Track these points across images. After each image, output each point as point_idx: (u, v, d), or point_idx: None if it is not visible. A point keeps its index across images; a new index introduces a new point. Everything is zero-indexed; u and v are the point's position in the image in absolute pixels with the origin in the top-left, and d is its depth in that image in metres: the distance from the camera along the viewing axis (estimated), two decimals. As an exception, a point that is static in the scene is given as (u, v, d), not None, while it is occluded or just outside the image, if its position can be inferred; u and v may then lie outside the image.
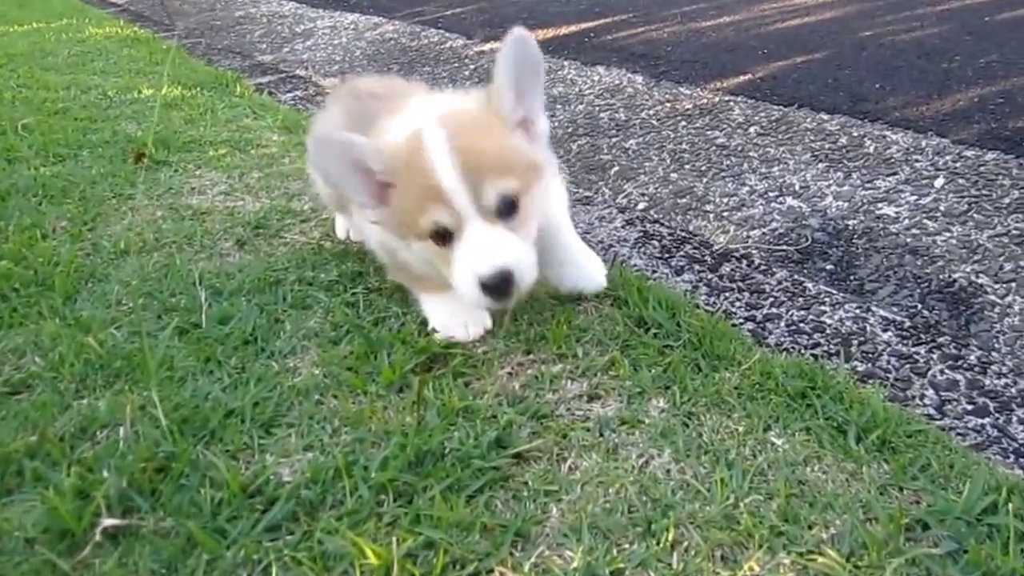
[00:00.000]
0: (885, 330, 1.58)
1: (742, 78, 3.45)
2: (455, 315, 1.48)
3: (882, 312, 1.64)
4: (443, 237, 1.25)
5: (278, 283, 1.70)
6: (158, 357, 1.42)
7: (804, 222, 2.19)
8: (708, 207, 2.35)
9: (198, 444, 1.23)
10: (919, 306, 1.77)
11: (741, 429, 1.26)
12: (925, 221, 2.12)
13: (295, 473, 1.18)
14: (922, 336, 1.55)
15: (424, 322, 1.54)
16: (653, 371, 1.39)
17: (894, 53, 3.58)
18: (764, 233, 2.17)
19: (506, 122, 1.29)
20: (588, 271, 1.56)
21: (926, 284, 1.84)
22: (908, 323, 1.59)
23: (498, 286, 1.22)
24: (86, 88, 3.50)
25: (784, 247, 2.10)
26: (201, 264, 1.80)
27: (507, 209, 1.25)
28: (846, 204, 2.26)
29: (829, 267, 1.97)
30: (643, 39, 4.37)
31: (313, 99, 3.52)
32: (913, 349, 1.52)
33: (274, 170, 2.46)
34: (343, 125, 1.55)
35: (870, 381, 1.45)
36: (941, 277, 1.86)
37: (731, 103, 3.13)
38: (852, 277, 1.92)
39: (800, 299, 1.69)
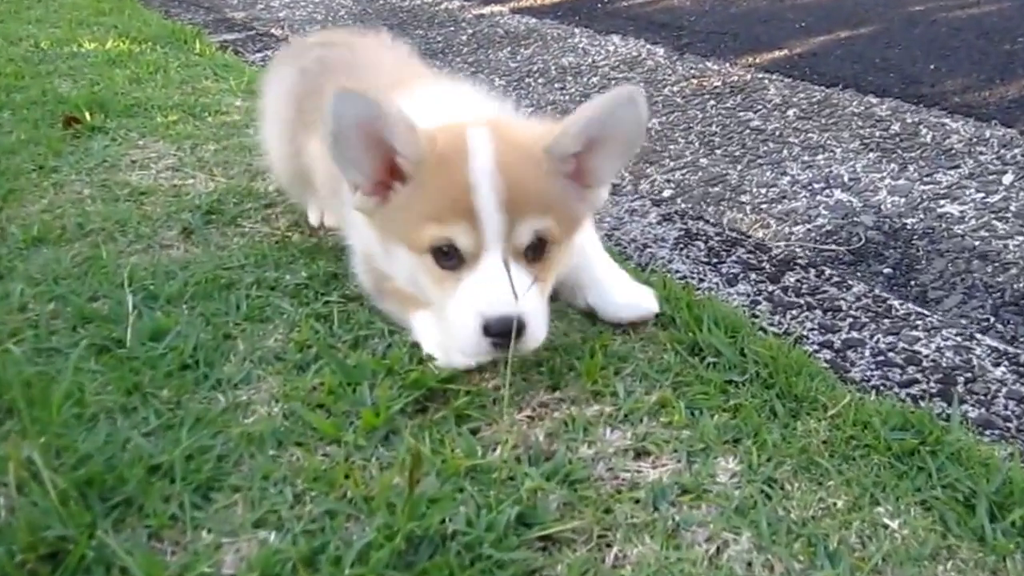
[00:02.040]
0: (996, 364, 1.28)
1: (777, 54, 3.27)
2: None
3: (989, 341, 1.33)
4: (448, 257, 1.12)
5: (231, 286, 1.43)
6: (63, 388, 1.09)
7: (855, 219, 1.99)
8: (744, 198, 2.10)
9: (107, 517, 0.94)
10: (992, 319, 1.57)
11: (840, 504, 1.00)
12: (994, 222, 1.92)
13: (240, 562, 0.90)
14: (1046, 373, 1.24)
15: (417, 344, 1.23)
16: (716, 417, 1.12)
17: (949, 32, 3.40)
18: (809, 230, 1.96)
19: (557, 164, 1.16)
20: (630, 295, 1.33)
21: (998, 294, 1.66)
22: (1025, 356, 1.28)
23: (502, 333, 1.08)
24: (16, 39, 3.23)
25: (833, 247, 1.89)
26: (134, 259, 1.53)
27: (535, 252, 1.14)
28: (903, 200, 2.05)
29: (887, 271, 1.77)
30: (664, 6, 4.18)
31: (288, 62, 3.17)
32: (1036, 391, 1.21)
33: (234, 142, 2.20)
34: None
35: (987, 432, 1.16)
36: (1016, 287, 1.67)
37: (765, 81, 2.94)
38: (913, 283, 1.72)
39: (886, 320, 1.38)
